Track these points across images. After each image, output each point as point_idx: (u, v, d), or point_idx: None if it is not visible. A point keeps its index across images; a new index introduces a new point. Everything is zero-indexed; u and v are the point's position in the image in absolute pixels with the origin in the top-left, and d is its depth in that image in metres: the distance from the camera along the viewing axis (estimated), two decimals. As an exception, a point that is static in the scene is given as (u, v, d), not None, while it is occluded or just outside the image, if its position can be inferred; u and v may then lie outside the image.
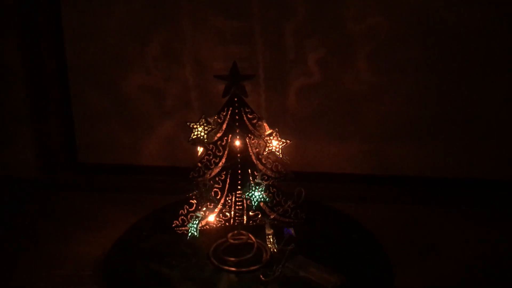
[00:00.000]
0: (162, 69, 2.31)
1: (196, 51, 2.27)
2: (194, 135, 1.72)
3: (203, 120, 1.71)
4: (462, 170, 2.35)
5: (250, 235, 1.85)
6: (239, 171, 1.75)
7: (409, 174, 2.37)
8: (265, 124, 1.73)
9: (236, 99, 1.69)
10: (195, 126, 1.71)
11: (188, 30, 2.25)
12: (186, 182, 1.75)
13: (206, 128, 1.71)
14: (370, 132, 2.34)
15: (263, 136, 1.72)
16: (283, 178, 1.77)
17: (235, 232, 1.86)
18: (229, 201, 1.79)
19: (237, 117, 1.70)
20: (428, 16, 2.15)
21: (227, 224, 1.85)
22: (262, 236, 1.78)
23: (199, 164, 1.74)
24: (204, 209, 1.74)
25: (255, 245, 1.84)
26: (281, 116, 2.31)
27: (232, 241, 1.85)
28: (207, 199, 1.72)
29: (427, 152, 2.35)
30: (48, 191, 2.37)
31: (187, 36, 2.25)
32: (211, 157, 1.74)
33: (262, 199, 1.71)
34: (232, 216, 1.83)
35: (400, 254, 1.88)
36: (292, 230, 1.71)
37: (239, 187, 1.76)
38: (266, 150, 1.72)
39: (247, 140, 1.73)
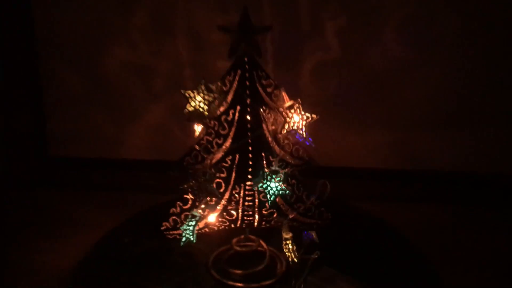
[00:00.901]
0: (150, 42, 2.23)
1: (191, 20, 2.18)
2: (190, 107, 1.45)
3: (203, 86, 1.44)
4: (505, 165, 2.24)
5: (261, 241, 1.68)
6: (250, 156, 1.50)
7: (443, 169, 2.29)
8: (284, 93, 1.50)
9: (246, 59, 1.43)
10: (192, 95, 1.44)
11: (181, -5, 2.21)
12: (179, 172, 1.50)
13: (206, 97, 1.44)
14: (397, 119, 2.26)
15: (282, 109, 1.49)
16: (306, 166, 1.54)
17: (242, 237, 1.68)
18: (236, 195, 1.55)
19: (247, 83, 1.44)
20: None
21: (232, 226, 1.62)
22: (277, 242, 1.59)
23: (197, 147, 1.51)
24: (203, 206, 1.50)
25: (268, 254, 1.68)
26: (293, 99, 2.12)
27: (238, 248, 1.68)
28: (206, 192, 1.47)
29: (464, 144, 2.25)
30: (12, 188, 2.33)
31: (180, 2, 2.16)
32: (213, 137, 1.49)
33: (280, 192, 1.45)
34: (240, 215, 1.59)
35: (439, 261, 1.74)
36: (314, 234, 1.49)
37: (249, 176, 1.52)
38: (286, 127, 1.48)
39: (261, 114, 1.48)
